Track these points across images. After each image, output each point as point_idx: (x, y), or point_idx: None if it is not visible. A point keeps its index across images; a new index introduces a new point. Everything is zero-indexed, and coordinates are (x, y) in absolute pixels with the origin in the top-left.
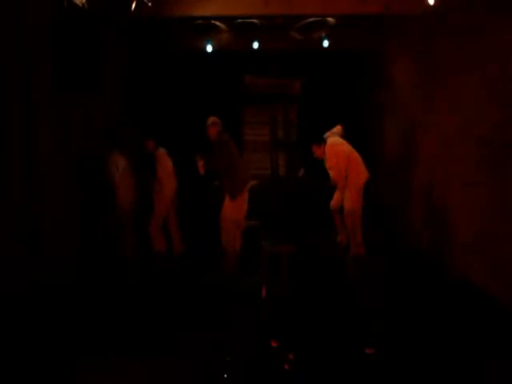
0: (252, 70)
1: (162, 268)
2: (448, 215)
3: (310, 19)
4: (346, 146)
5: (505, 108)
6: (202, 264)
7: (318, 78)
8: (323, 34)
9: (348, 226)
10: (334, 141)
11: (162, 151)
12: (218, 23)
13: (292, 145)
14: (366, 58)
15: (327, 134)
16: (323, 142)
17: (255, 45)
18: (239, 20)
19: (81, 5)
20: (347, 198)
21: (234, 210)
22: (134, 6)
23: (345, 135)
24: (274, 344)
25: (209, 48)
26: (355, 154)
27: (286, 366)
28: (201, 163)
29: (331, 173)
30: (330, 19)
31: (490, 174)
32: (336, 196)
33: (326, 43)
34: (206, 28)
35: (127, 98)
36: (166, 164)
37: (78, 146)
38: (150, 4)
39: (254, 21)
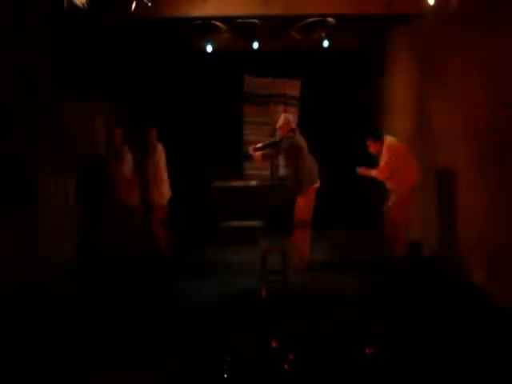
0: (252, 70)
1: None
2: (448, 215)
3: (310, 19)
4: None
5: (504, 107)
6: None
7: (318, 77)
8: (323, 34)
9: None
10: (393, 140)
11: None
12: (217, 23)
13: None
14: (366, 57)
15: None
16: (380, 138)
17: (255, 45)
18: (239, 20)
19: (81, 5)
20: (393, 200)
21: (301, 209)
22: (133, 5)
23: None
24: (273, 344)
25: (209, 48)
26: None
27: (286, 366)
28: (257, 155)
29: (379, 171)
30: (330, 19)
31: (490, 173)
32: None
33: (326, 43)
34: (206, 28)
35: (127, 97)
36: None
37: (79, 145)
38: (149, 4)
39: (254, 21)
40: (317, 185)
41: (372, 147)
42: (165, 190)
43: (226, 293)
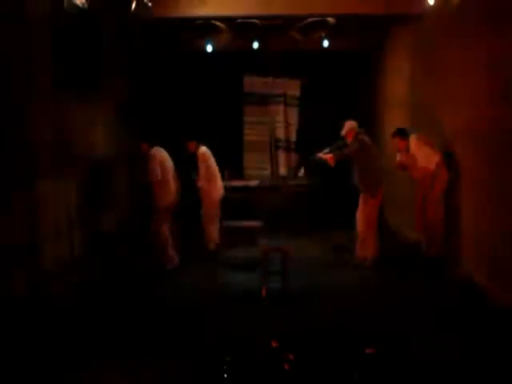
0: (252, 70)
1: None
2: (449, 215)
3: (310, 19)
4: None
5: (505, 107)
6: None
7: (318, 77)
8: (323, 34)
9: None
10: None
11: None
12: (218, 23)
13: (292, 145)
14: (366, 57)
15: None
16: (407, 136)
17: (255, 45)
18: (239, 20)
19: (81, 5)
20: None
21: (372, 209)
22: (134, 6)
23: None
24: (273, 344)
25: (209, 48)
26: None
27: (286, 366)
28: (330, 157)
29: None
30: (330, 19)
31: (490, 173)
32: None
33: (326, 43)
34: (206, 28)
35: (127, 97)
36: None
37: (78, 145)
38: (150, 4)
39: (254, 21)
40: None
41: (400, 144)
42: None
43: (226, 292)
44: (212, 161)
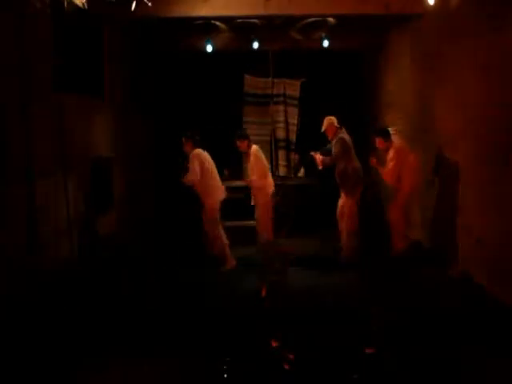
0: (252, 70)
1: None
2: (449, 214)
3: (310, 19)
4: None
5: (505, 108)
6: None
7: (318, 77)
8: (323, 34)
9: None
10: (402, 144)
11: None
12: (218, 23)
13: (292, 145)
14: (366, 57)
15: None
16: (388, 137)
17: (255, 45)
18: (239, 20)
19: (81, 5)
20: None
21: (348, 208)
22: (134, 5)
23: None
24: (274, 344)
25: (209, 48)
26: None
27: (286, 366)
28: (319, 158)
29: (388, 175)
30: (330, 19)
31: (490, 173)
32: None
33: (326, 43)
34: (206, 28)
35: (127, 98)
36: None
37: (79, 145)
38: (150, 4)
39: (254, 21)
40: (362, 188)
41: (380, 144)
42: None
43: (226, 292)
44: (263, 158)
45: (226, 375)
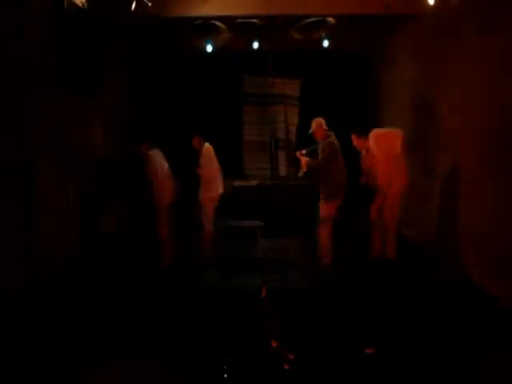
0: (252, 70)
1: None
2: (449, 214)
3: (310, 19)
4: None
5: (505, 107)
6: None
7: (318, 77)
8: (323, 34)
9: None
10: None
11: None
12: (218, 23)
13: (292, 145)
14: (366, 57)
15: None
16: (364, 134)
17: (255, 45)
18: (239, 20)
19: (81, 5)
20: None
21: (326, 212)
22: (134, 5)
23: None
24: (273, 344)
25: (209, 48)
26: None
27: (286, 366)
28: (304, 160)
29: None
30: (330, 19)
31: (491, 173)
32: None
33: (326, 43)
34: (206, 28)
35: (127, 97)
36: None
37: (78, 145)
38: (150, 4)
39: (254, 21)
40: (343, 194)
41: (358, 143)
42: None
43: (226, 292)
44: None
45: (226, 375)
